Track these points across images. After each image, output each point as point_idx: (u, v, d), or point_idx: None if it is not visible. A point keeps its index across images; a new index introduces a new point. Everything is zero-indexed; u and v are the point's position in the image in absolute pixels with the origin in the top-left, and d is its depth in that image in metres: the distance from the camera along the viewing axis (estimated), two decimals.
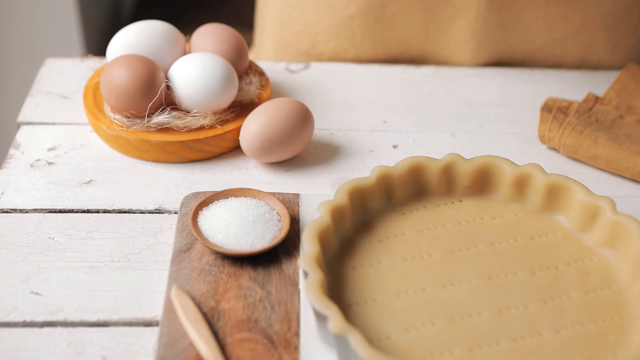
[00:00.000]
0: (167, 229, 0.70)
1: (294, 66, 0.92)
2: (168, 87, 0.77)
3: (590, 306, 0.61)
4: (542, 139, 0.80)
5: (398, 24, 0.91)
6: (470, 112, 0.86)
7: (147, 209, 0.72)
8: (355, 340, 0.54)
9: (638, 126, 0.81)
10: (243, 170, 0.77)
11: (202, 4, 2.28)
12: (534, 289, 0.62)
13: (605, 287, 0.63)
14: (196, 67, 0.76)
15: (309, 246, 0.61)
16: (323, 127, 0.83)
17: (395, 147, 0.81)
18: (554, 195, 0.67)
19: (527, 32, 0.91)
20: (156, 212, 0.72)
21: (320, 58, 0.95)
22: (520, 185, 0.68)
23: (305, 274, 0.59)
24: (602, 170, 0.78)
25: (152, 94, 0.75)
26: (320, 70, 0.91)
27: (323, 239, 0.63)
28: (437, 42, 0.92)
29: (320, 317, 0.57)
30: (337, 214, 0.64)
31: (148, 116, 0.76)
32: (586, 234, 0.66)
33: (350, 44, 0.93)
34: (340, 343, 0.56)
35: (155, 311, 0.63)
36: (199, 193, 0.72)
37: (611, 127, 0.80)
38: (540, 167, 0.68)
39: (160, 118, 0.76)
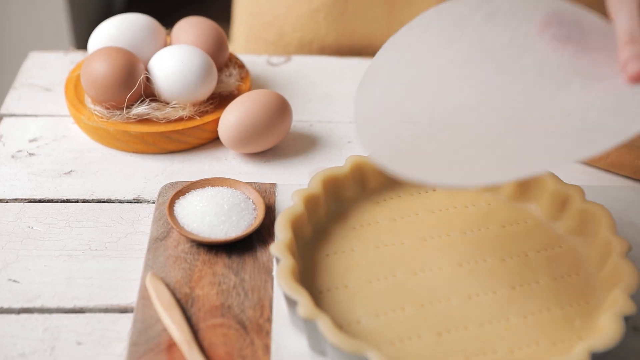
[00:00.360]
0: (145, 218, 0.71)
1: (275, 59, 0.93)
2: (148, 79, 0.78)
3: (557, 292, 0.62)
4: None
5: (360, 19, 0.92)
6: None
7: (125, 198, 0.73)
8: (324, 324, 0.55)
9: None
10: (222, 161, 0.78)
11: (194, 0, 2.29)
12: (503, 275, 0.63)
13: (573, 274, 0.64)
14: (175, 59, 0.78)
15: (281, 233, 0.62)
16: (302, 119, 0.84)
17: None
18: (526, 184, 0.68)
19: None
20: (135, 202, 0.73)
21: (287, 48, 0.97)
22: None
23: (277, 261, 0.60)
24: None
25: (131, 85, 0.76)
26: (302, 64, 0.92)
27: (296, 227, 0.64)
28: None
29: (291, 303, 0.58)
30: (311, 202, 0.65)
31: (128, 107, 0.77)
32: (557, 222, 0.67)
33: (315, 36, 0.95)
34: (309, 328, 0.57)
35: (131, 298, 0.64)
36: (176, 183, 0.73)
37: None
38: None
39: (140, 109, 0.77)
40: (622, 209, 0.72)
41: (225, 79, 0.83)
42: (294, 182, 0.76)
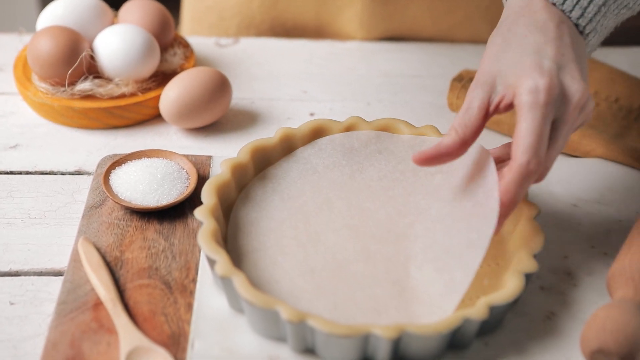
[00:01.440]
0: (85, 189, 0.74)
1: (223, 41, 0.95)
2: (92, 57, 0.81)
3: None
4: (451, 106, 0.84)
5: (292, 10, 0.95)
6: (388, 83, 0.89)
7: (67, 170, 0.76)
8: (238, 282, 0.58)
9: None
10: (163, 136, 0.81)
11: None
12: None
13: None
14: (118, 38, 0.80)
15: (206, 199, 0.65)
16: (245, 97, 0.86)
17: (312, 114, 0.84)
18: None
19: (414, 24, 0.95)
20: (76, 174, 0.76)
21: (227, 32, 0.99)
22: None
23: (201, 224, 0.63)
24: (505, 135, 0.82)
25: (72, 62, 0.78)
26: (250, 45, 0.95)
27: (223, 193, 0.67)
28: (330, 29, 0.97)
29: (211, 263, 0.61)
30: (239, 170, 0.68)
31: (72, 84, 0.80)
32: None
33: (251, 23, 0.97)
34: (227, 286, 0.60)
35: (65, 262, 0.67)
36: (115, 155, 0.75)
37: None
38: (435, 127, 0.72)
39: (83, 85, 0.80)
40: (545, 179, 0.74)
41: (169, 58, 0.85)
42: (231, 155, 0.78)
